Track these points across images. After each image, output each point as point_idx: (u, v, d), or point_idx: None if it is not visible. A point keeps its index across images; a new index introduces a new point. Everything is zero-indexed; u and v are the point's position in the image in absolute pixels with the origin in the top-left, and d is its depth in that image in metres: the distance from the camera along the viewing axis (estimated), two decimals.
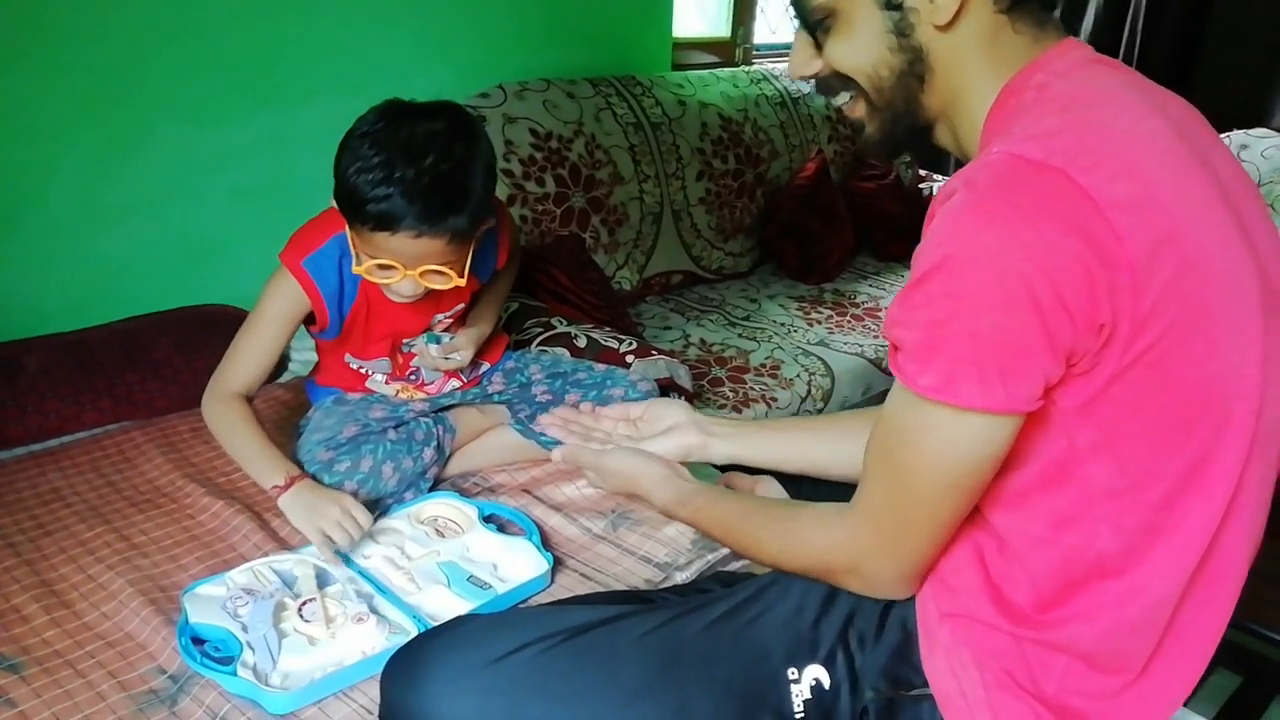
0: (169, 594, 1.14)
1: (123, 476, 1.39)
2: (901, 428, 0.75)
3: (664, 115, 2.35)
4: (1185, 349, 0.69)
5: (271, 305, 1.26)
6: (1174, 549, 0.74)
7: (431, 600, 1.14)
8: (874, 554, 0.80)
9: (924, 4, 0.77)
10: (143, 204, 1.74)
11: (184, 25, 1.70)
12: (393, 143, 1.12)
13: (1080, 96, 0.74)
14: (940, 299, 0.69)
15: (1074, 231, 0.66)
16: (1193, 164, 0.73)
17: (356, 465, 1.27)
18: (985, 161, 0.70)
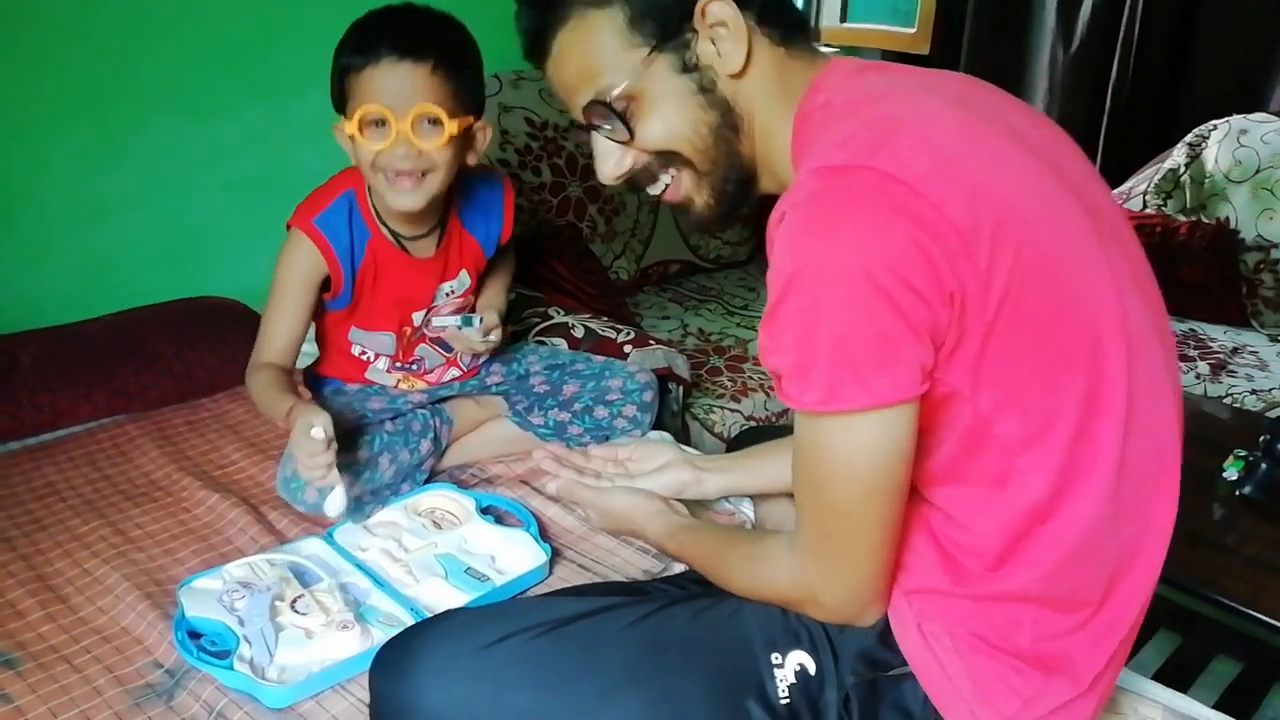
0: (165, 588, 1.14)
1: (118, 470, 1.38)
2: (808, 450, 0.76)
3: None
4: (1036, 288, 0.72)
5: (288, 272, 1.26)
6: (1097, 475, 0.76)
7: (429, 593, 1.13)
8: (825, 584, 0.80)
9: (715, 59, 0.81)
10: (136, 197, 1.73)
11: (176, 18, 1.69)
12: (376, 14, 1.18)
13: (861, 100, 0.79)
14: (798, 315, 0.71)
15: (895, 214, 0.68)
16: (977, 125, 0.77)
17: (353, 457, 1.26)
18: (799, 183, 0.74)
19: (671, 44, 0.81)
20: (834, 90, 0.81)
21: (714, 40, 0.81)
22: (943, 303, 0.69)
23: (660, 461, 1.16)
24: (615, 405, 1.44)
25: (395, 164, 1.16)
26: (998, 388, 0.73)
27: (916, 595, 0.82)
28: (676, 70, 0.82)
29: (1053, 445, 0.75)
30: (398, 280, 1.32)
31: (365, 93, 1.13)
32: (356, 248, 1.27)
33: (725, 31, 0.80)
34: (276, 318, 1.27)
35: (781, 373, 0.74)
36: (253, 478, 1.38)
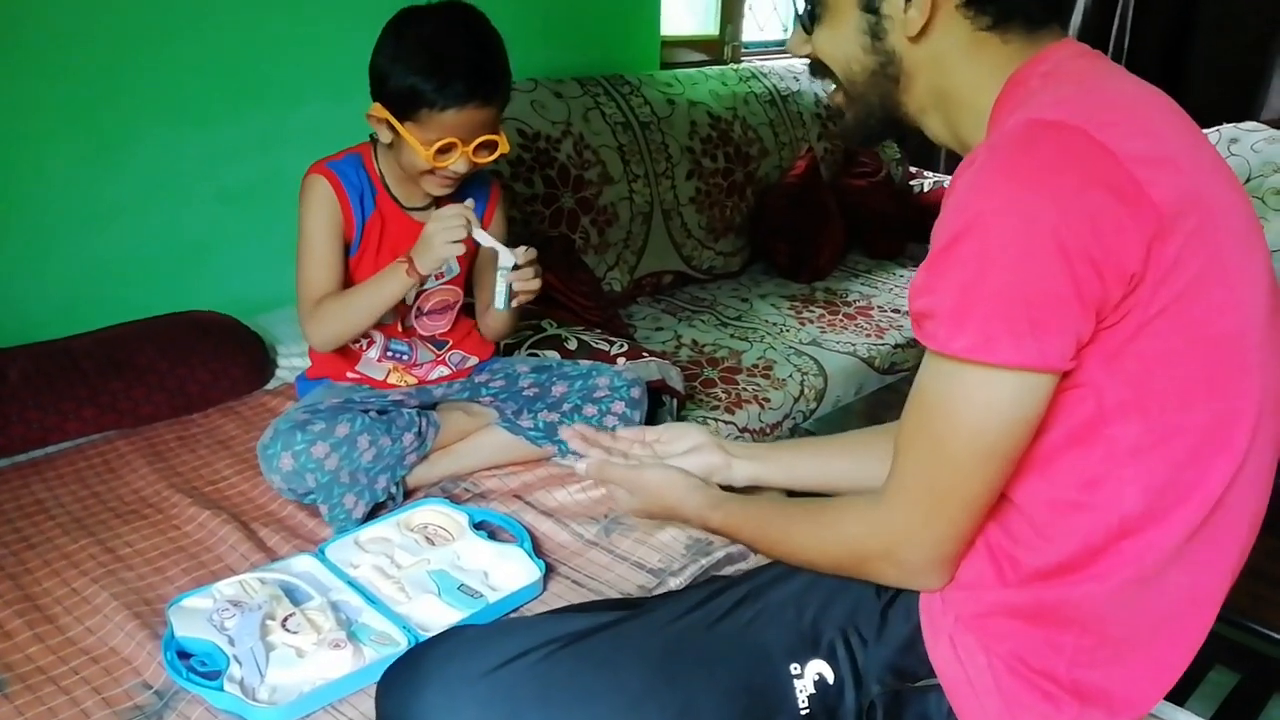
0: (154, 607, 1.12)
1: (107, 487, 1.37)
2: (935, 398, 0.74)
3: (653, 114, 2.33)
4: (1208, 300, 0.70)
5: (312, 211, 1.35)
6: (1194, 506, 0.74)
7: (421, 610, 1.12)
8: (908, 536, 0.78)
9: (898, 13, 0.81)
10: (130, 207, 1.72)
11: (171, 26, 1.68)
12: (439, 30, 1.26)
13: (1089, 76, 0.77)
14: (971, 259, 0.69)
15: (1097, 183, 0.67)
16: (1196, 133, 0.76)
17: (332, 429, 1.27)
18: (1005, 129, 0.72)
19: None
20: (1063, 62, 0.78)
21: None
22: (1119, 281, 0.68)
23: (690, 444, 1.12)
24: (604, 402, 1.44)
25: (450, 174, 1.30)
26: (1129, 386, 0.72)
27: (962, 605, 0.80)
28: (860, 4, 0.82)
29: (1162, 462, 0.73)
30: (401, 238, 1.39)
31: (443, 127, 1.25)
32: (366, 198, 1.37)
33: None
34: (313, 259, 1.35)
35: (934, 314, 0.72)
36: (244, 494, 1.36)
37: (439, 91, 1.23)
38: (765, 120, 2.57)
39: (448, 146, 1.26)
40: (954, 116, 0.84)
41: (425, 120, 1.25)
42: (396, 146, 1.31)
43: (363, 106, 1.52)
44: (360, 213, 1.36)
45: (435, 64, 1.23)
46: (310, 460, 1.25)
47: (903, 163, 2.93)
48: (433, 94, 1.23)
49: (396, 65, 1.25)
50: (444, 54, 1.24)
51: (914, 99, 0.85)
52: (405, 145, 1.28)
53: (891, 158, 2.84)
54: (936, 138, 0.88)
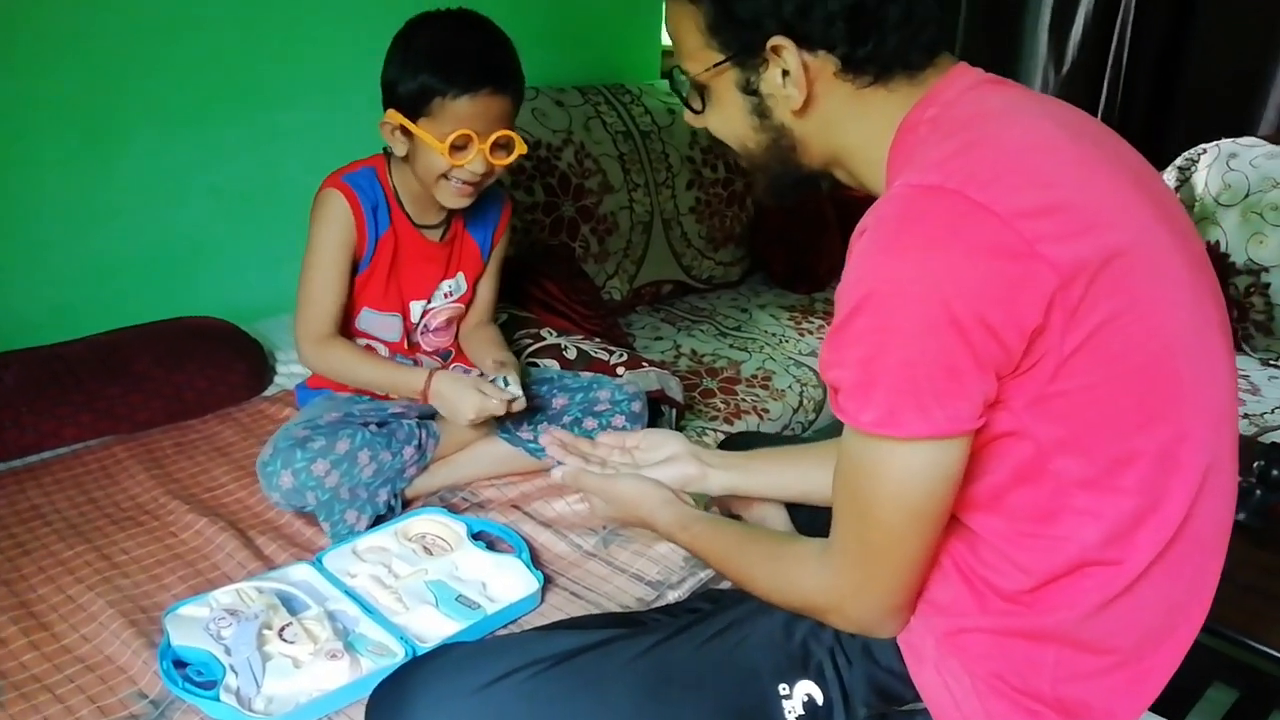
0: (150, 615, 1.12)
1: (104, 493, 1.36)
2: (856, 466, 0.76)
3: (653, 124, 2.34)
4: (1124, 333, 0.71)
5: (325, 228, 1.32)
6: (1156, 527, 0.75)
7: (419, 621, 1.12)
8: (854, 595, 0.80)
9: (778, 90, 0.81)
10: (124, 210, 1.71)
11: (165, 28, 1.68)
12: (448, 29, 1.27)
13: (972, 118, 0.77)
14: (868, 335, 0.70)
15: (984, 249, 0.67)
16: (1095, 159, 0.76)
17: (332, 445, 1.27)
18: (888, 197, 0.73)
19: (740, 62, 0.81)
20: (946, 104, 0.79)
21: (784, 72, 0.80)
22: (1020, 338, 0.69)
23: (667, 453, 1.13)
24: (604, 415, 1.44)
25: (467, 177, 1.27)
26: (1062, 424, 0.72)
27: (941, 630, 0.81)
28: (739, 87, 0.83)
29: (1117, 492, 0.74)
30: (413, 256, 1.38)
31: (457, 118, 1.23)
32: (380, 214, 1.35)
33: (789, 75, 0.79)
34: (320, 279, 1.32)
35: (840, 387, 0.73)
36: (241, 501, 1.36)
37: (450, 79, 1.22)
38: None
39: (463, 141, 1.24)
40: (855, 169, 0.86)
41: (438, 113, 1.23)
42: (412, 155, 1.29)
43: (357, 108, 1.52)
44: (374, 228, 1.34)
45: (446, 56, 1.23)
46: (310, 478, 1.24)
47: None
48: (444, 83, 1.22)
49: (407, 66, 1.25)
50: (455, 47, 1.24)
51: (814, 159, 0.86)
52: (420, 149, 1.27)
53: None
54: (846, 183, 0.89)
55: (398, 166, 1.36)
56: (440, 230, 1.42)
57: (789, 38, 0.77)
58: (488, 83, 1.23)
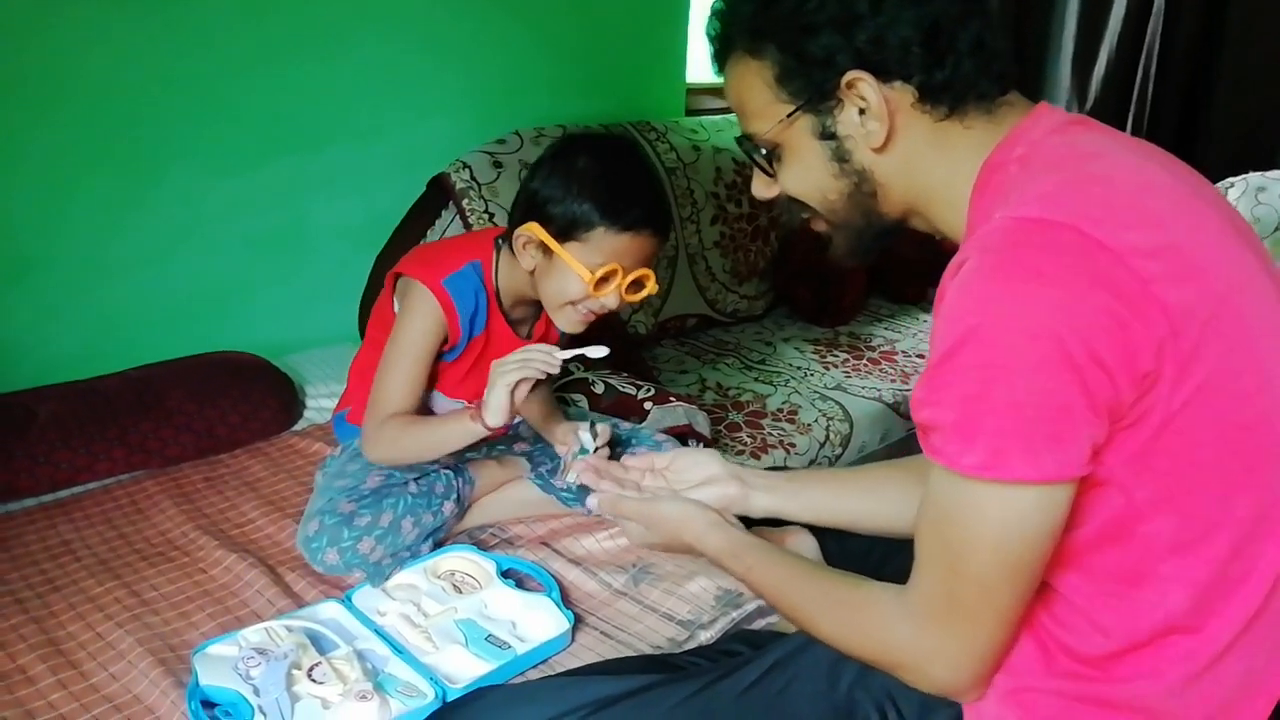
0: (179, 653, 1.11)
1: (134, 528, 1.36)
2: (950, 511, 0.71)
3: (678, 160, 2.35)
4: (1232, 388, 0.68)
5: (417, 330, 1.26)
6: (1245, 596, 0.71)
7: (449, 661, 1.11)
8: (938, 653, 0.74)
9: (857, 130, 0.79)
10: (154, 252, 1.73)
11: (195, 73, 1.71)
12: (618, 159, 1.24)
13: (1069, 157, 0.74)
14: (973, 372, 0.67)
15: (1098, 285, 0.64)
16: (1200, 205, 0.73)
17: (377, 520, 1.25)
18: (991, 229, 0.70)
19: (814, 107, 0.79)
20: (1036, 144, 0.76)
21: (860, 110, 0.78)
22: (1132, 383, 0.65)
23: (704, 475, 1.07)
24: None
25: (598, 309, 1.24)
26: (1160, 482, 0.69)
27: (1006, 691, 0.77)
28: (815, 134, 0.80)
29: (1204, 557, 0.70)
30: (501, 351, 1.29)
31: (612, 252, 1.19)
32: (479, 316, 1.30)
33: (868, 109, 0.77)
34: (400, 376, 1.26)
35: (938, 427, 0.69)
36: (270, 537, 1.36)
37: (619, 214, 1.18)
38: None
39: (609, 274, 1.19)
40: (935, 214, 0.83)
41: (594, 242, 1.19)
42: (542, 272, 1.24)
43: (384, 149, 1.51)
44: (468, 330, 1.30)
45: (618, 190, 1.20)
46: (356, 555, 1.23)
47: None
48: (612, 216, 1.18)
49: (571, 188, 1.19)
50: (626, 182, 1.21)
51: (895, 206, 0.84)
52: (558, 271, 1.21)
53: None
54: (924, 231, 0.87)
55: (507, 266, 1.30)
56: (528, 325, 1.38)
57: (864, 70, 0.76)
58: (651, 225, 1.21)
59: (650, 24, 2.43)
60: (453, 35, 2.03)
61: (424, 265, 1.27)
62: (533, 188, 1.23)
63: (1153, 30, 2.57)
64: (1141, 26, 2.58)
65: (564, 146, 1.25)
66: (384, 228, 1.92)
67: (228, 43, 1.73)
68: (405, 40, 1.95)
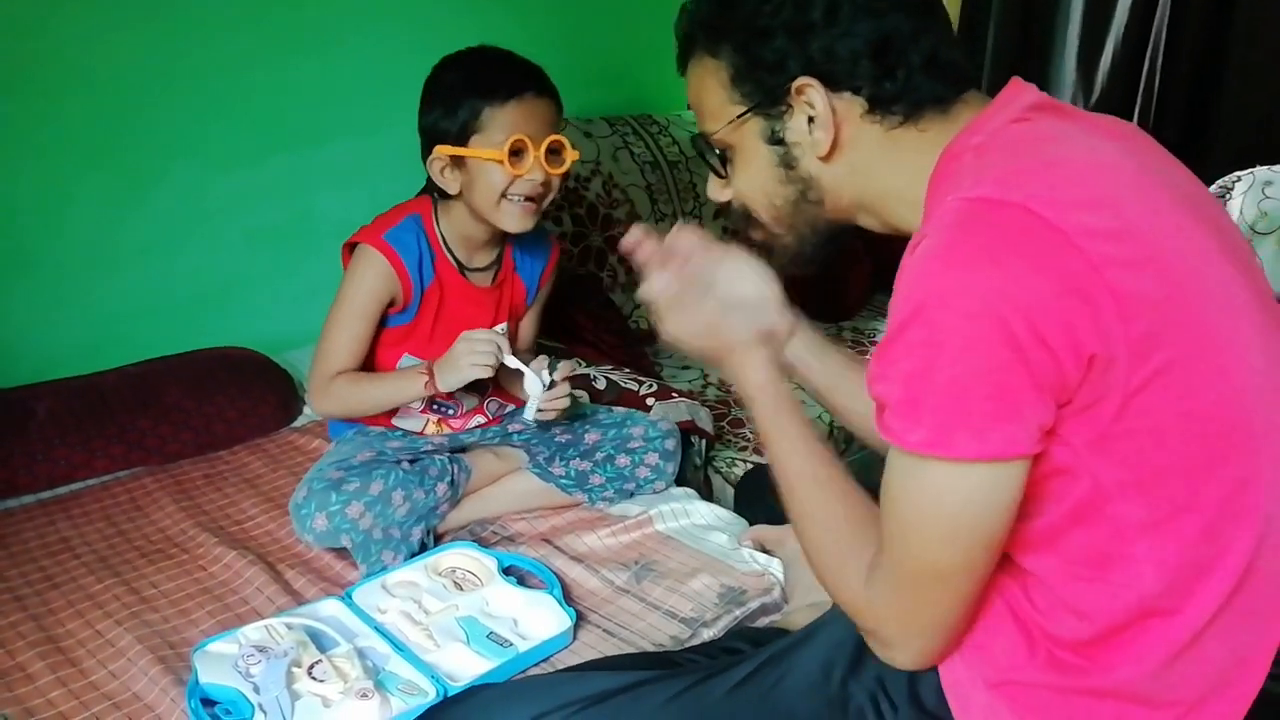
0: (179, 651, 1.11)
1: (134, 525, 1.36)
2: (901, 489, 0.72)
3: (681, 154, 2.33)
4: (1193, 371, 0.67)
5: (357, 287, 1.30)
6: (1220, 578, 0.71)
7: (450, 659, 1.10)
8: (898, 624, 0.75)
9: (805, 137, 0.79)
10: (156, 246, 1.72)
11: (197, 67, 1.70)
12: (474, 56, 1.29)
13: (1025, 141, 0.74)
14: (918, 349, 0.67)
15: (1044, 266, 0.65)
16: (1158, 188, 0.73)
17: (366, 487, 1.25)
18: (944, 210, 0.70)
19: (765, 111, 0.80)
20: (994, 133, 0.75)
21: (810, 119, 0.78)
22: (1077, 364, 0.65)
23: (756, 293, 0.95)
24: (637, 453, 1.42)
25: (527, 190, 1.25)
26: (1125, 466, 0.69)
27: (992, 682, 0.77)
28: (764, 138, 0.81)
29: (1175, 538, 0.70)
30: (461, 302, 1.36)
31: (509, 124, 1.23)
32: (425, 265, 1.32)
33: (815, 118, 0.78)
34: (341, 333, 1.30)
35: (887, 403, 0.70)
36: (270, 534, 1.35)
37: (494, 89, 1.23)
38: None
39: (520, 146, 1.22)
40: (886, 213, 0.83)
41: (489, 125, 1.23)
42: (467, 186, 1.27)
43: (386, 143, 1.50)
44: (419, 282, 1.32)
45: (484, 73, 1.25)
46: (344, 520, 1.23)
47: None
48: (488, 94, 1.22)
49: (448, 99, 1.25)
50: (489, 65, 1.26)
51: (842, 210, 0.84)
52: (477, 172, 1.25)
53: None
54: (871, 229, 0.87)
55: (445, 210, 1.34)
56: (491, 273, 1.39)
57: (813, 77, 0.76)
58: (530, 87, 1.24)
59: (649, 16, 2.41)
60: (453, 29, 2.00)
61: (367, 230, 1.32)
62: (423, 124, 1.28)
63: (1159, 23, 2.54)
64: (1148, 19, 2.55)
65: (433, 72, 1.30)
66: None
67: (229, 39, 1.72)
68: (406, 34, 1.94)
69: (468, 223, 1.33)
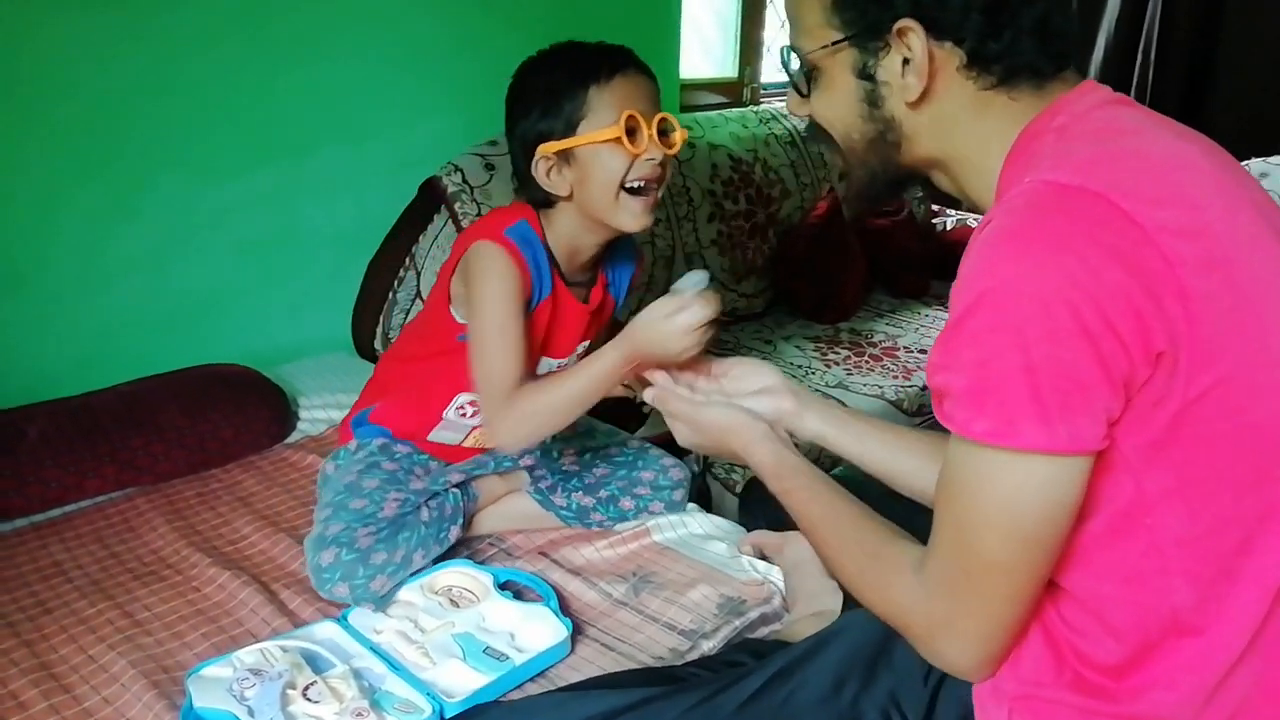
0: (173, 675, 1.09)
1: (126, 547, 1.34)
2: (963, 481, 0.69)
3: (674, 157, 2.32)
4: (1256, 383, 0.66)
5: (497, 289, 1.16)
6: (1250, 595, 0.69)
7: (447, 675, 1.09)
8: (949, 627, 0.72)
9: (895, 79, 0.77)
10: (145, 261, 1.71)
11: (183, 79, 1.69)
12: (553, 52, 1.20)
13: (1107, 130, 0.72)
14: (985, 335, 0.65)
15: (1118, 258, 0.63)
16: (1236, 191, 0.71)
17: (392, 556, 1.21)
18: (1019, 191, 0.68)
19: (861, 43, 0.77)
20: (1076, 115, 0.74)
21: (905, 61, 0.76)
22: (1147, 360, 0.63)
23: (761, 384, 1.04)
24: (643, 500, 1.40)
25: (646, 171, 1.16)
26: (1174, 473, 0.67)
27: (1020, 699, 0.75)
28: (854, 71, 0.79)
29: (1213, 553, 0.68)
30: (567, 319, 1.27)
31: (619, 100, 1.14)
32: (544, 274, 1.22)
33: (911, 61, 0.75)
34: (504, 344, 1.15)
35: (950, 393, 0.68)
36: (265, 553, 1.34)
37: (595, 71, 1.14)
38: (786, 162, 2.55)
39: (634, 124, 1.13)
40: (960, 176, 0.81)
41: (597, 105, 1.13)
42: (580, 182, 1.17)
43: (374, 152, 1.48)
44: (538, 290, 1.21)
45: (576, 62, 1.16)
46: (366, 593, 1.18)
47: (925, 201, 2.90)
48: (589, 77, 1.14)
49: (541, 98, 1.16)
50: (575, 50, 1.18)
51: (917, 161, 0.82)
52: (591, 161, 1.15)
53: (913, 196, 2.81)
54: (944, 190, 0.85)
55: (548, 221, 1.23)
56: (585, 290, 1.30)
57: (918, 21, 0.74)
58: (631, 64, 1.17)
59: (641, 21, 2.40)
60: (441, 37, 2.01)
61: (481, 228, 1.21)
62: (517, 132, 1.19)
63: (1151, 14, 2.54)
64: (1140, 10, 2.55)
65: (516, 80, 1.21)
66: (376, 232, 1.90)
67: (216, 49, 1.71)
68: (393, 43, 1.93)
69: (577, 231, 1.22)
